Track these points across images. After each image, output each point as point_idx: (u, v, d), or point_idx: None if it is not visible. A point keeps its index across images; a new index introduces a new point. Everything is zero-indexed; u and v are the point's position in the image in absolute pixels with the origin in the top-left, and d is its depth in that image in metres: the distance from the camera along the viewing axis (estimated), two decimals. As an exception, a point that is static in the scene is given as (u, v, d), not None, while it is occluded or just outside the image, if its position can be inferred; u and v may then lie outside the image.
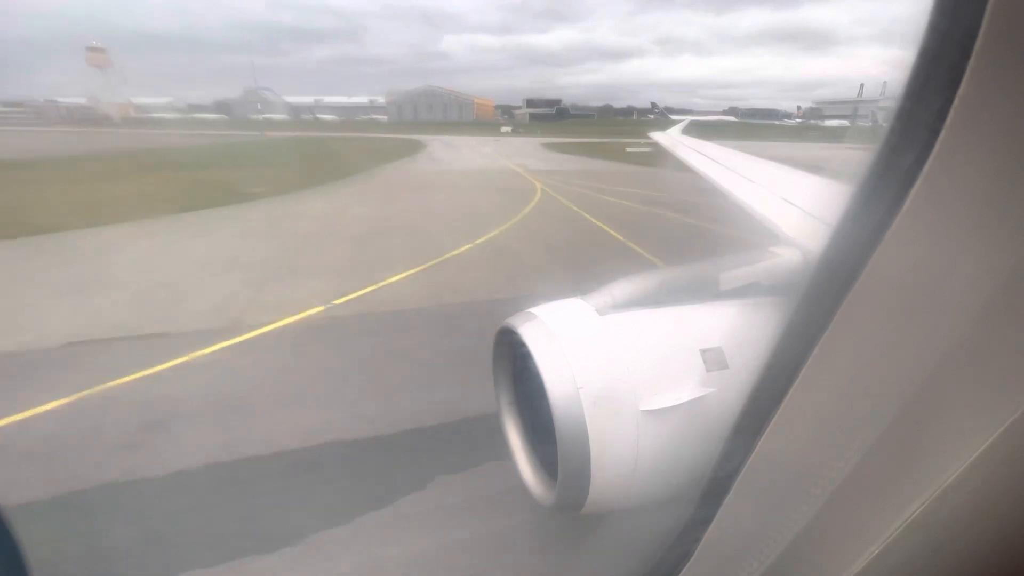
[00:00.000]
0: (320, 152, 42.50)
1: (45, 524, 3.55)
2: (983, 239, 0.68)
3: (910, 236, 0.72)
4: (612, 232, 13.54)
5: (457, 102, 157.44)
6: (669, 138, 11.97)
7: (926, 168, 0.67)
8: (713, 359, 2.25)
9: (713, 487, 1.15)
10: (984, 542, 0.82)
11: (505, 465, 2.93)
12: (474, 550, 3.58)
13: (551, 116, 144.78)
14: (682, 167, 8.19)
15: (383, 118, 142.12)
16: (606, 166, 34.44)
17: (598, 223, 14.65)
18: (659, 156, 13.27)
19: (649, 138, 15.07)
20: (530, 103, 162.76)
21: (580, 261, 10.74)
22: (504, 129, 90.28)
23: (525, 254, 11.34)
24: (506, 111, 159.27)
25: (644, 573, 1.42)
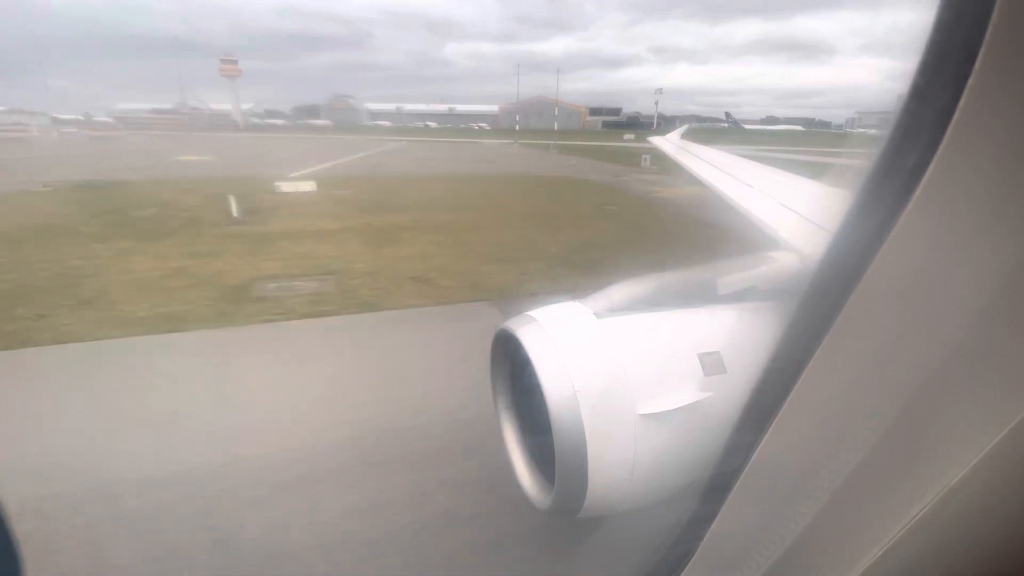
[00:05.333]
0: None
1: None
2: (986, 241, 0.68)
3: (913, 239, 0.72)
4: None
5: (566, 111, 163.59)
6: (670, 143, 12.02)
7: (929, 171, 0.68)
8: (711, 363, 2.25)
9: (713, 489, 1.15)
10: (987, 543, 0.82)
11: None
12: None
13: (622, 124, 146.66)
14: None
15: (484, 126, 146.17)
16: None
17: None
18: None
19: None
20: (594, 111, 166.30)
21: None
22: (627, 136, 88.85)
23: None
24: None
25: (645, 573, 1.41)
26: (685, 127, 19.28)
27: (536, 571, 3.52)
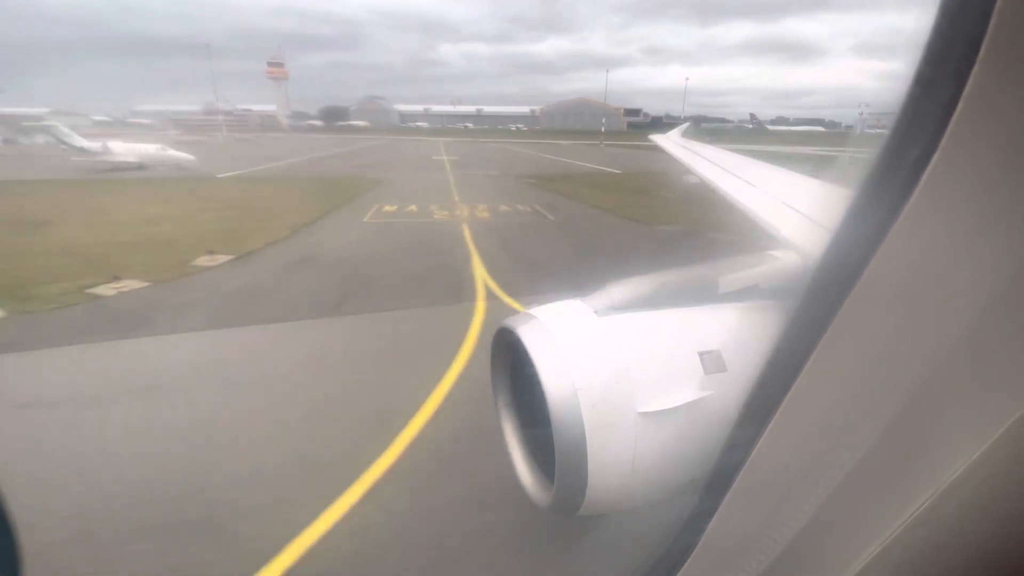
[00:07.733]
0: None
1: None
2: (986, 240, 0.68)
3: (913, 236, 0.72)
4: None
5: (604, 112, 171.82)
6: (670, 140, 12.01)
7: (929, 169, 0.68)
8: (711, 362, 2.24)
9: (713, 486, 1.15)
10: (985, 542, 0.82)
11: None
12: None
13: (646, 124, 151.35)
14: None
15: (521, 127, 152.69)
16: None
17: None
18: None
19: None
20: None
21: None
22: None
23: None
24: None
25: (643, 571, 1.41)
26: (685, 125, 19.28)
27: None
